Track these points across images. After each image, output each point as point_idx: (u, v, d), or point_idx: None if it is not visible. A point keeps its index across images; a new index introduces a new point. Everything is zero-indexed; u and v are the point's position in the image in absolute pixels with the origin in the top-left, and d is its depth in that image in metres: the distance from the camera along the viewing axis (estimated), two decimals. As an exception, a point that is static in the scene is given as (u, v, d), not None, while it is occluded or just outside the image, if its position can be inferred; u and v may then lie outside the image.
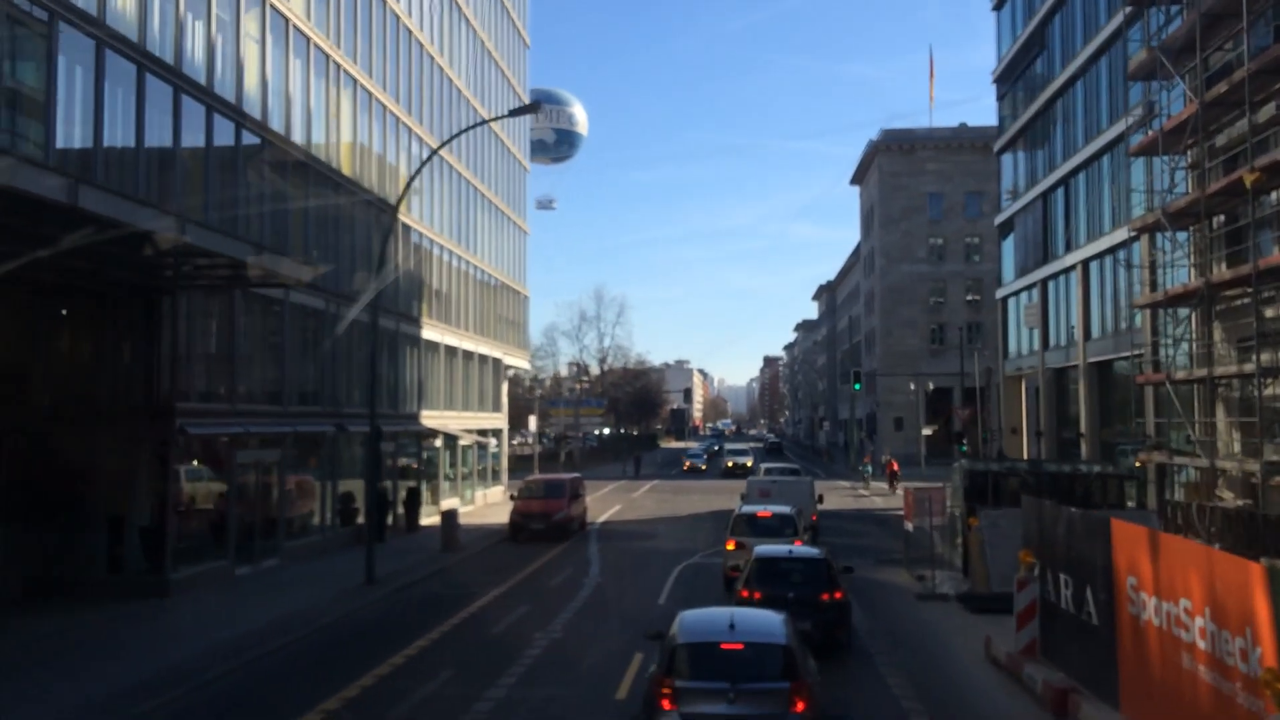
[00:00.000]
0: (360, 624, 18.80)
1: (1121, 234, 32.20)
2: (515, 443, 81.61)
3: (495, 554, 29.07)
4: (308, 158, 27.20)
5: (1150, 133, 26.83)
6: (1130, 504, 22.87)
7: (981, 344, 57.21)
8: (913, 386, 66.66)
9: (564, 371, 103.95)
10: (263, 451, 24.53)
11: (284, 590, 21.55)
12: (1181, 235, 26.76)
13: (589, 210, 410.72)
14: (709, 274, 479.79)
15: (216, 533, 22.56)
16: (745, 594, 15.51)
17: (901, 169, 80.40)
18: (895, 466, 54.50)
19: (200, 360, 22.66)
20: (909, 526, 23.56)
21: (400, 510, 33.60)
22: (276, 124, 25.52)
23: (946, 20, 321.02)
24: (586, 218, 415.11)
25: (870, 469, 57.11)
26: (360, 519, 30.83)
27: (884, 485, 52.76)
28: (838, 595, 15.41)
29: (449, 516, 28.66)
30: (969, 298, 78.50)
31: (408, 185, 24.12)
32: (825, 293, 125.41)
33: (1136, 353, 31.83)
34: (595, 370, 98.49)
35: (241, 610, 19.25)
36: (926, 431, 65.39)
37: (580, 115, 70.83)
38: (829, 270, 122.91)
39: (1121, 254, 33.00)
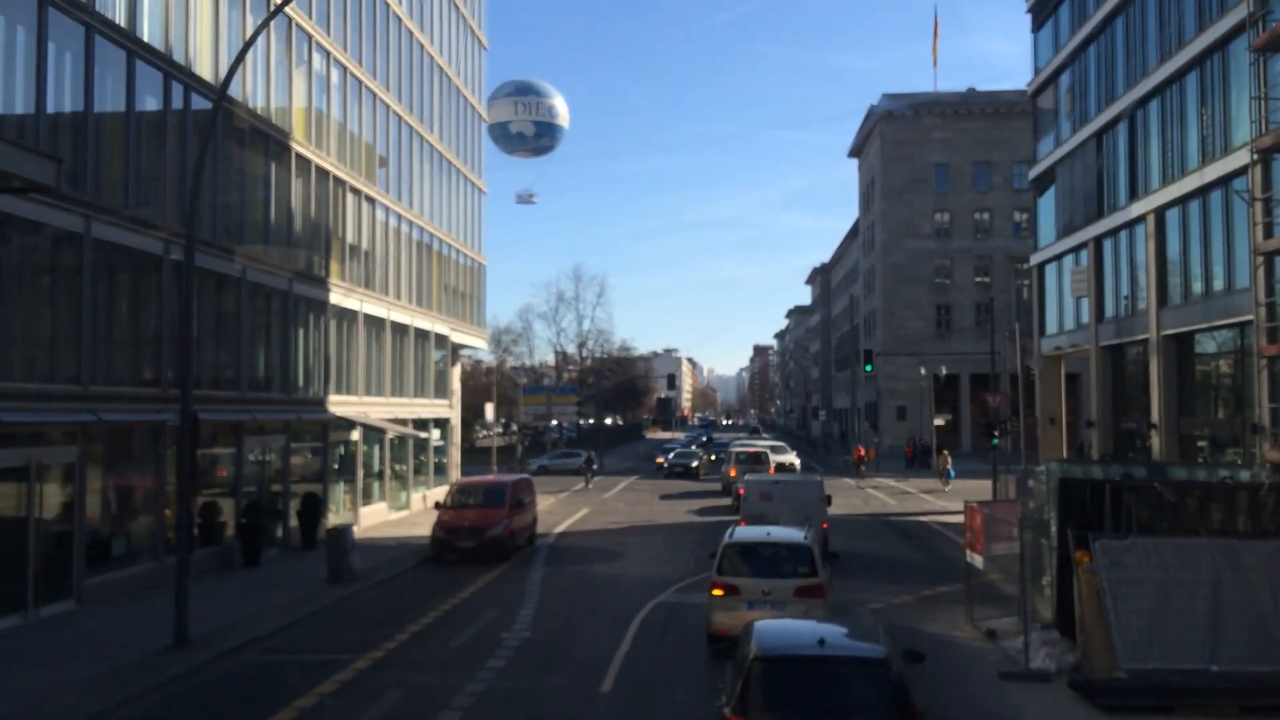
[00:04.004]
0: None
1: (1218, 169, 25.09)
2: (495, 433, 74.20)
3: (402, 586, 21.72)
4: (134, 42, 19.76)
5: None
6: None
7: (992, 326, 50.54)
8: (923, 371, 59.53)
9: (550, 360, 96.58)
10: (41, 450, 17.12)
11: (28, 666, 14.09)
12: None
13: (575, 201, 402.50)
14: (698, 264, 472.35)
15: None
16: None
17: (905, 137, 73.80)
18: (862, 453, 52.67)
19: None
20: (975, 560, 16.31)
21: (294, 522, 26.24)
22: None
23: (939, 11, 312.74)
24: (573, 209, 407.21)
25: (849, 459, 52.27)
26: (230, 533, 23.56)
27: (887, 481, 48.64)
28: None
29: (337, 536, 21.26)
30: (978, 278, 71.87)
31: (240, 56, 16.65)
32: (819, 275, 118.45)
33: (1236, 320, 24.76)
34: (574, 356, 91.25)
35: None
36: (938, 421, 58.53)
37: (561, 107, 64.97)
38: (820, 259, 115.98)
39: (1215, 194, 25.84)
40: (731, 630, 13.13)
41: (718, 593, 14.46)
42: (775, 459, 46.17)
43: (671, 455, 56.60)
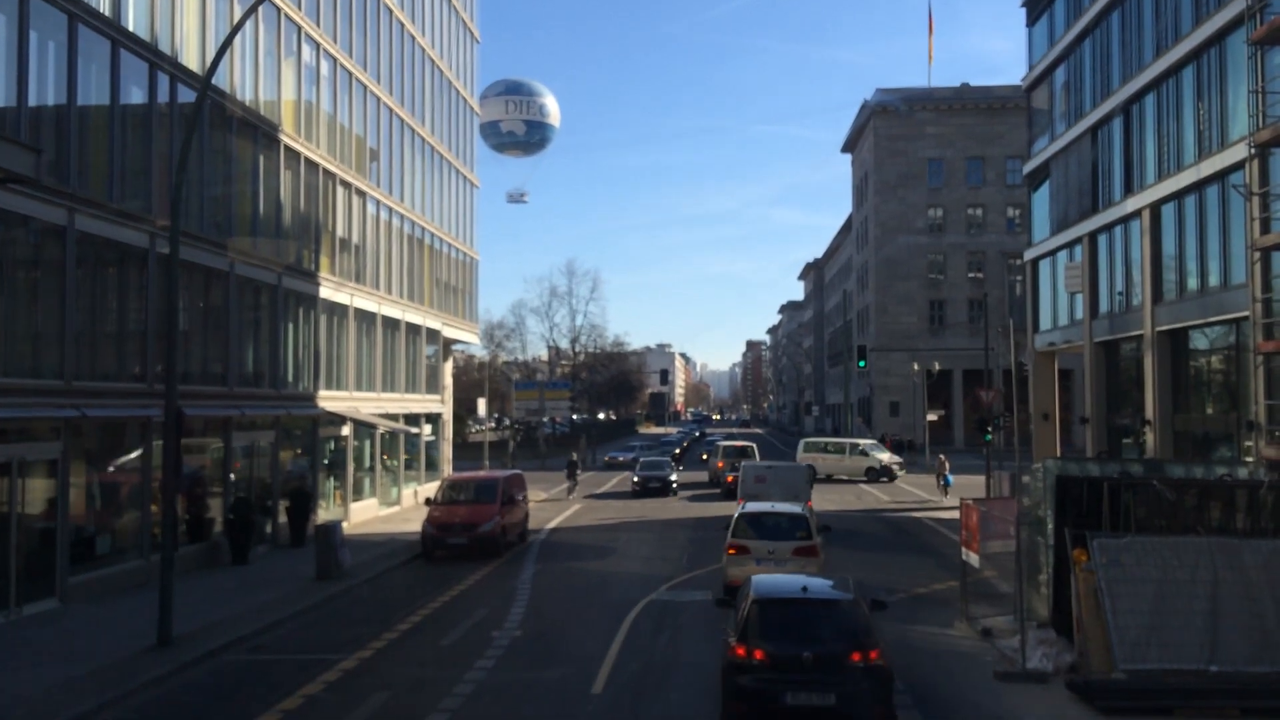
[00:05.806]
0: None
1: (1214, 164, 24.92)
2: (488, 428, 74.15)
3: (392, 582, 21.48)
4: (119, 32, 19.46)
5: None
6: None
7: (986, 322, 50.55)
8: (915, 367, 59.42)
9: (543, 355, 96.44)
10: (24, 446, 16.84)
11: (8, 666, 13.79)
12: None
13: (567, 196, 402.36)
14: (691, 259, 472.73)
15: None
16: (742, 652, 10.76)
17: (899, 132, 73.69)
18: None
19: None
20: (971, 558, 16.14)
21: (283, 519, 25.99)
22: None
23: (933, 5, 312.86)
24: (565, 204, 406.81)
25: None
26: (218, 529, 23.30)
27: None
28: (873, 656, 10.63)
29: (327, 532, 21.03)
30: (972, 274, 71.79)
31: (225, 43, 16.34)
32: (812, 271, 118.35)
33: (1232, 316, 24.62)
34: (567, 350, 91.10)
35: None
36: (931, 417, 58.47)
37: (552, 106, 64.91)
38: (812, 254, 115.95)
39: (1212, 189, 25.68)
40: (741, 581, 15.54)
41: (731, 552, 17.58)
42: (879, 457, 46.47)
43: (641, 467, 42.49)
